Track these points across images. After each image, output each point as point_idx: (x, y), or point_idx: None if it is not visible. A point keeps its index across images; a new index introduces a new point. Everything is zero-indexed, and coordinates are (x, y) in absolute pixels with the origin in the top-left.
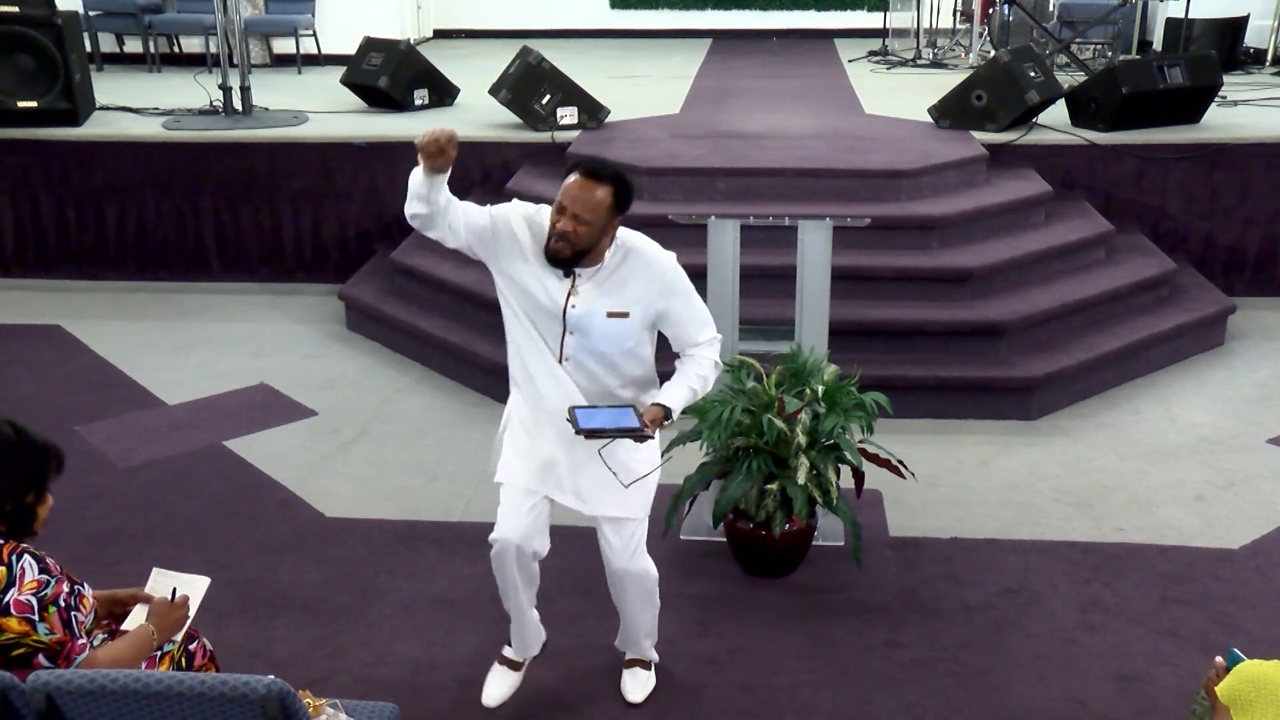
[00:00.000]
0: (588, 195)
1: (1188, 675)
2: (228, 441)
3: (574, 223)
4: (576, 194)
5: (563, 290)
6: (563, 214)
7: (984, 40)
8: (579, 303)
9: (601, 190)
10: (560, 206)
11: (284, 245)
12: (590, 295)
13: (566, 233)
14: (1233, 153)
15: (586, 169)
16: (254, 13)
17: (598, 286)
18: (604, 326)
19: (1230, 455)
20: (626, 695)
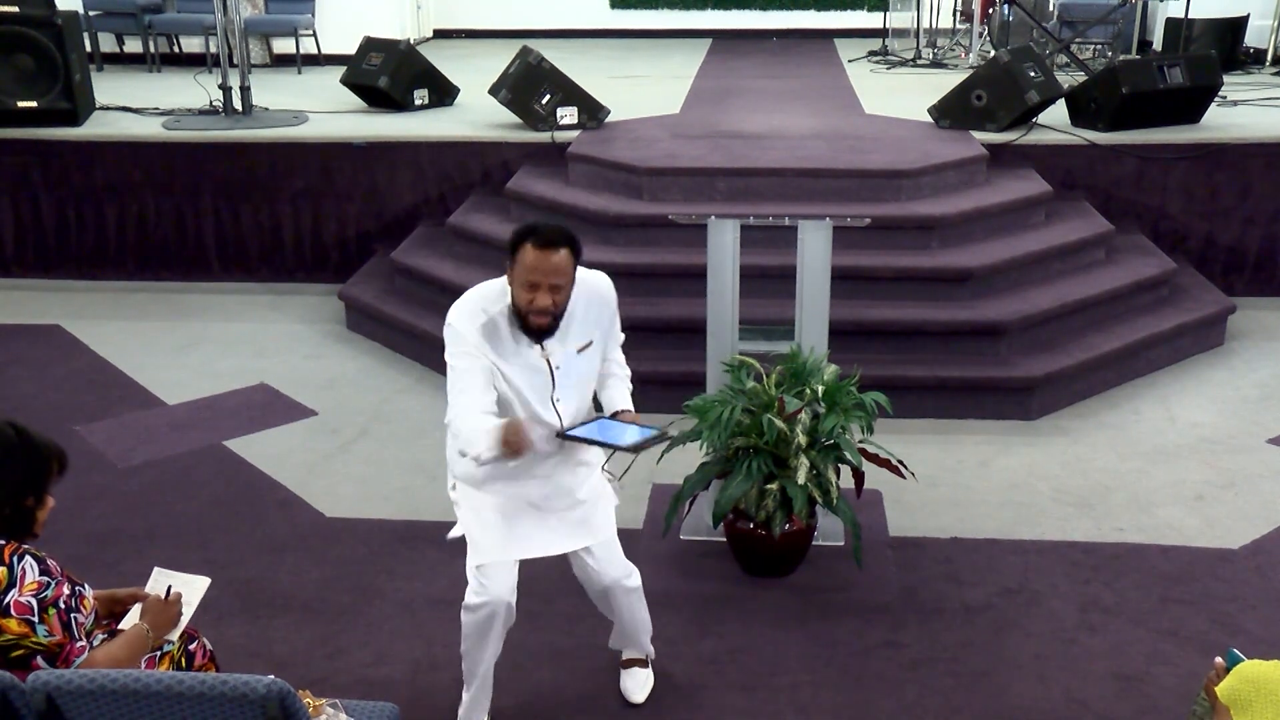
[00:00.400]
0: (554, 263)
1: (1188, 675)
2: (228, 441)
3: (553, 294)
4: (544, 267)
5: (538, 355)
6: (538, 290)
7: (984, 40)
8: (554, 358)
9: (561, 254)
10: (533, 284)
11: (284, 245)
12: (557, 346)
13: (548, 307)
14: (1233, 153)
15: (539, 241)
16: (254, 13)
17: (564, 335)
18: (579, 364)
19: (1230, 455)
20: (628, 696)
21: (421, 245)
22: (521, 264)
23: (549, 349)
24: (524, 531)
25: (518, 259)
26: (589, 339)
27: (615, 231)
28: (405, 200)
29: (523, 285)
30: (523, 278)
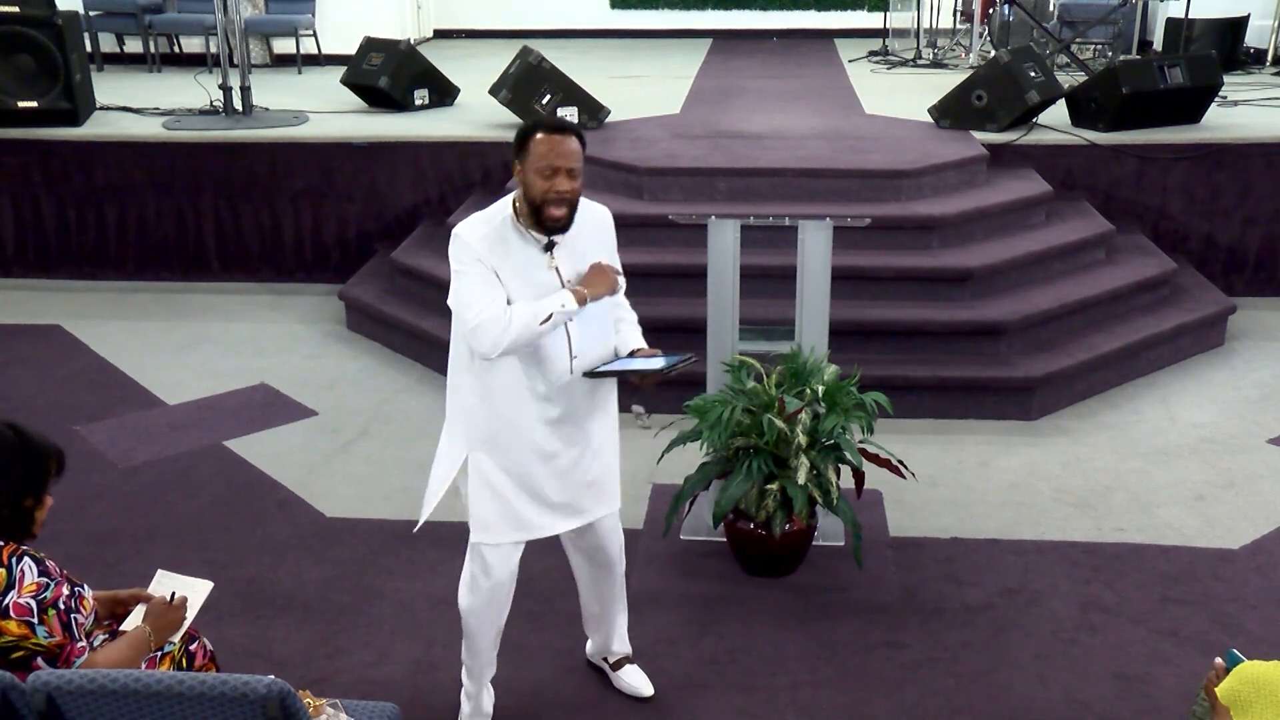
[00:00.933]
0: (570, 148)
1: (1188, 675)
2: (228, 441)
3: (570, 180)
4: (560, 150)
5: (547, 265)
6: (556, 174)
7: (984, 40)
8: (564, 270)
9: (573, 140)
10: (552, 169)
11: (284, 245)
12: (568, 257)
13: (567, 192)
14: (1233, 153)
15: (549, 128)
16: (254, 13)
17: (570, 246)
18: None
19: (1231, 455)
20: (638, 691)
21: (422, 245)
22: (535, 154)
23: (557, 258)
24: (538, 508)
25: (529, 151)
26: (597, 258)
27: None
28: (405, 200)
29: (539, 174)
30: (538, 165)
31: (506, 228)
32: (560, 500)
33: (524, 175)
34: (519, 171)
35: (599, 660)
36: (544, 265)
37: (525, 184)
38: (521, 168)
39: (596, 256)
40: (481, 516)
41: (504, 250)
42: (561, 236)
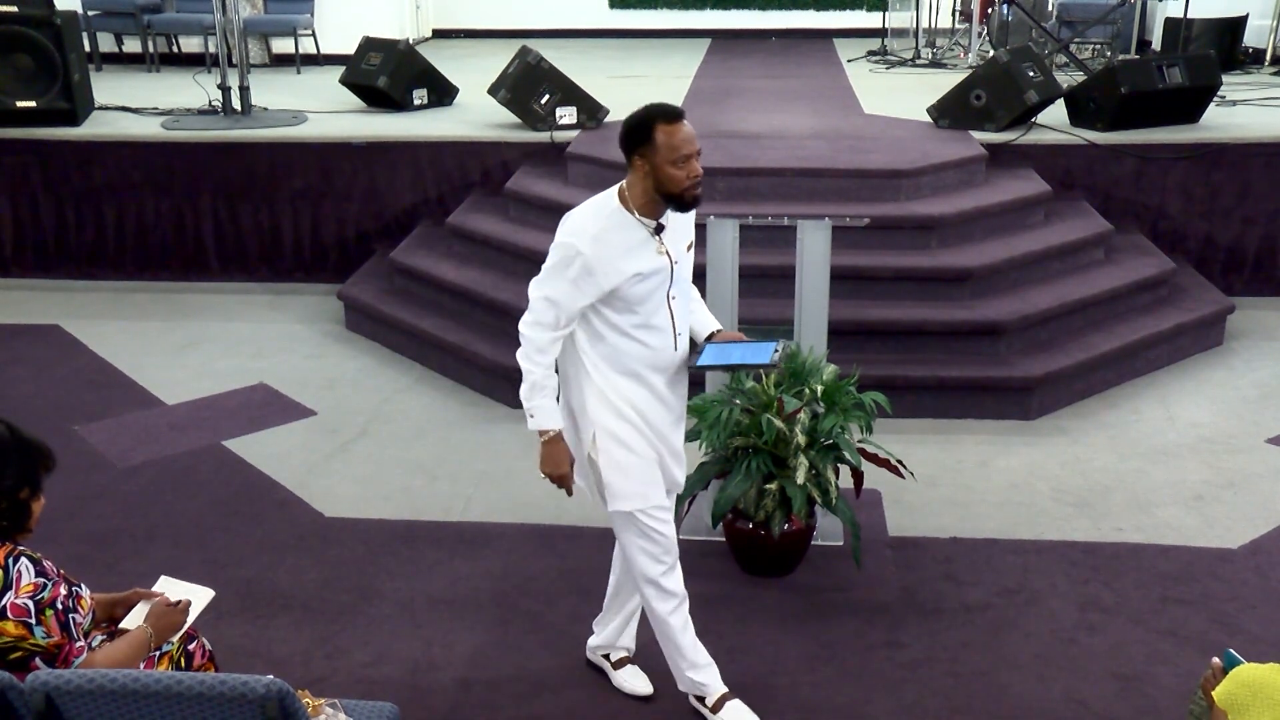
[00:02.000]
0: (692, 131)
1: (1187, 675)
2: (227, 441)
3: (698, 160)
4: (689, 135)
5: (661, 257)
6: (690, 159)
7: (983, 40)
8: (672, 251)
9: (688, 123)
10: (686, 156)
11: (283, 245)
12: (671, 239)
13: (701, 175)
14: (1232, 152)
15: (672, 115)
16: (253, 13)
17: (673, 235)
18: (686, 263)
19: (1230, 455)
20: (638, 690)
21: (421, 245)
22: (666, 144)
23: (665, 242)
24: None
25: (657, 142)
26: (689, 239)
27: None
28: (404, 200)
29: (673, 164)
30: (671, 156)
31: (617, 217)
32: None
33: (652, 167)
34: (640, 166)
35: (598, 658)
36: (654, 250)
37: (658, 176)
38: (644, 161)
39: (688, 238)
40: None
41: (616, 240)
42: (666, 219)
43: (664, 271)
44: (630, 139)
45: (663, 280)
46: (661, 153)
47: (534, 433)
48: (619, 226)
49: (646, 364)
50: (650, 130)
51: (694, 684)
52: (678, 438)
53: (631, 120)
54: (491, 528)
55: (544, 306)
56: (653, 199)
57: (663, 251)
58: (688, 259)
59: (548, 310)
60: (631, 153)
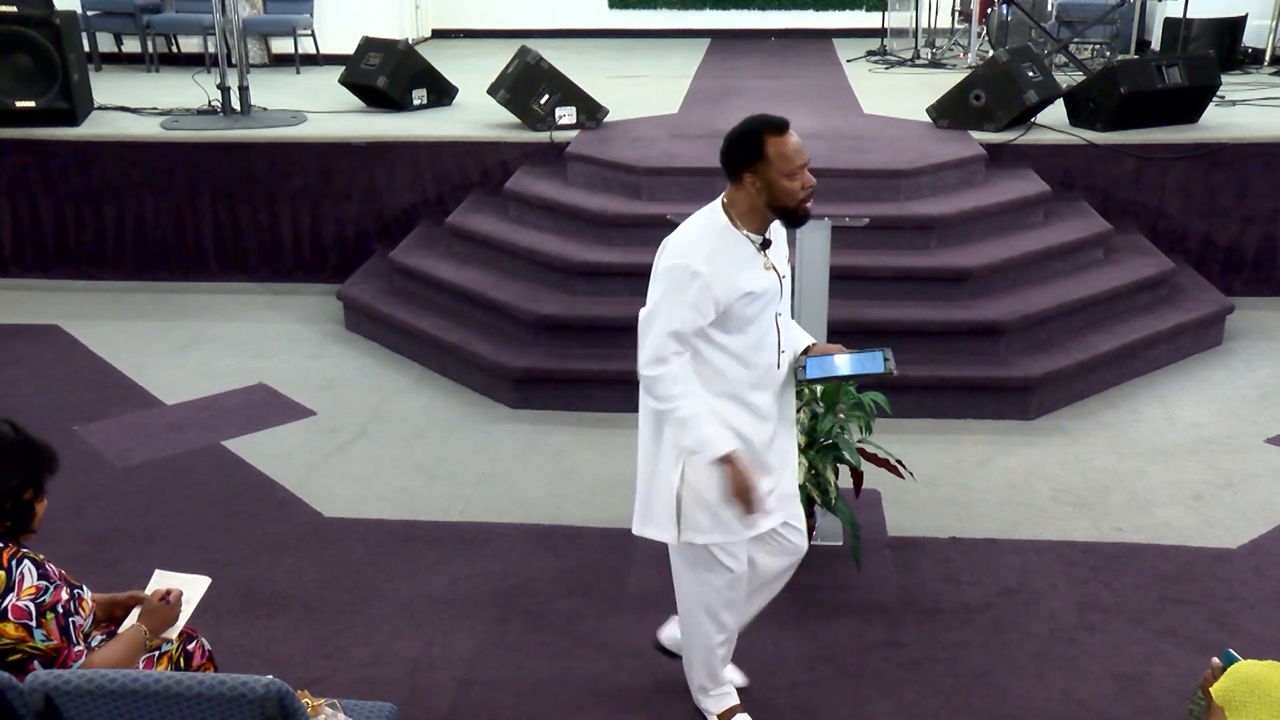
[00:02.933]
0: (801, 142)
1: (1187, 675)
2: (226, 441)
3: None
4: (799, 146)
5: (768, 272)
6: (803, 171)
7: (982, 40)
8: (780, 267)
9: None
10: (802, 165)
11: (282, 245)
12: (777, 256)
13: (813, 184)
14: (1231, 152)
15: (781, 127)
16: (252, 13)
17: (777, 249)
18: (788, 279)
19: (1229, 455)
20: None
21: (420, 245)
22: (779, 156)
23: (772, 257)
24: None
25: (769, 156)
26: (787, 252)
27: (614, 231)
28: (404, 200)
29: (788, 175)
30: (787, 168)
31: (727, 235)
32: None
33: (766, 182)
34: (750, 181)
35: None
36: (761, 265)
37: (772, 191)
38: (756, 176)
39: (786, 251)
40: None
41: (728, 257)
42: (771, 234)
43: (773, 288)
44: (738, 154)
45: (772, 298)
46: (775, 165)
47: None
48: (730, 244)
49: (750, 385)
50: (760, 143)
51: (708, 710)
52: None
53: (736, 134)
54: (491, 528)
55: (664, 340)
56: (761, 214)
57: (770, 267)
58: (788, 276)
59: (669, 343)
60: (740, 169)
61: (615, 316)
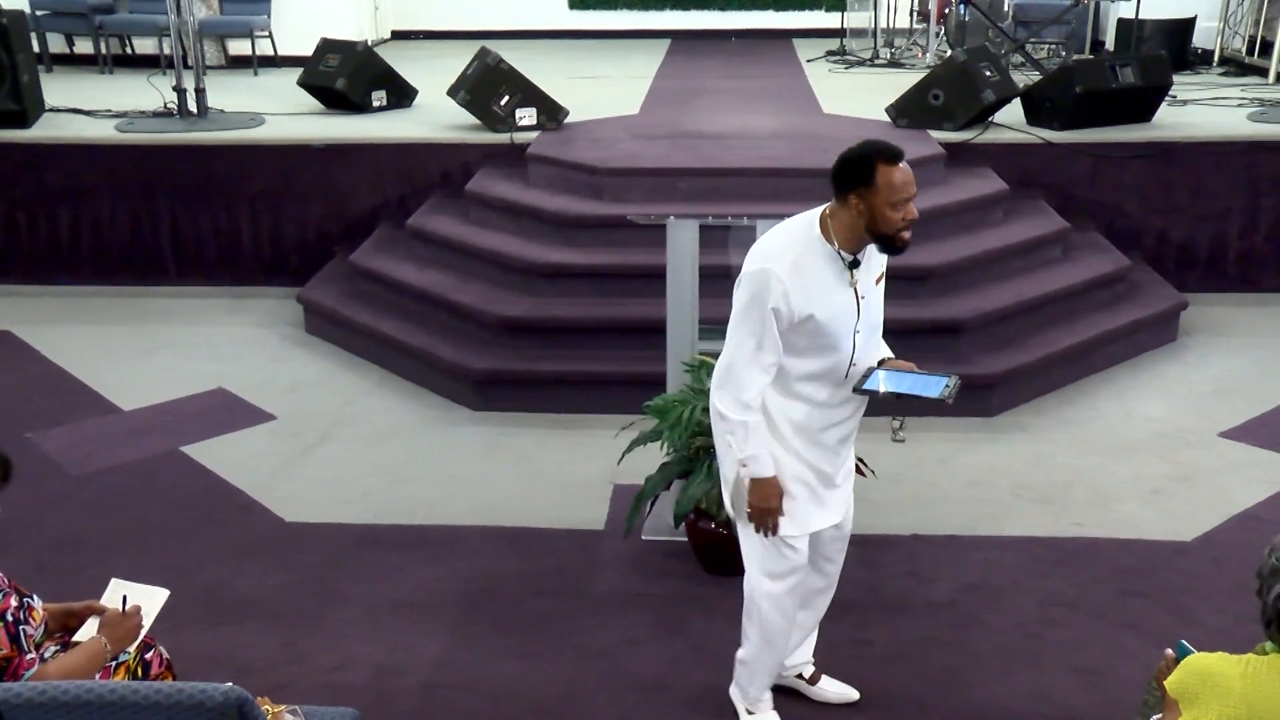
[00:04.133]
0: (912, 176)
1: (1146, 667)
2: (186, 447)
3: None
4: (910, 180)
5: (849, 290)
6: (909, 203)
7: (940, 40)
8: (860, 286)
9: (909, 166)
10: (908, 197)
11: (242, 248)
12: (864, 276)
13: (916, 218)
14: (1184, 151)
15: (893, 156)
16: (209, 14)
17: (865, 265)
18: (875, 295)
19: (1185, 449)
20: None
21: (381, 247)
22: (887, 185)
23: (857, 277)
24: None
25: (878, 184)
26: (880, 271)
27: (576, 232)
28: (364, 202)
29: (892, 205)
30: (893, 198)
31: (814, 249)
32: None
33: (869, 208)
34: (854, 204)
35: (792, 679)
36: (846, 283)
37: (873, 216)
38: (860, 200)
39: (879, 269)
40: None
41: (810, 270)
42: (862, 254)
43: (851, 307)
44: (848, 177)
45: (850, 316)
46: (882, 194)
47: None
48: (818, 255)
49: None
50: (872, 170)
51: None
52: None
53: (850, 156)
54: (456, 530)
55: (751, 375)
56: (860, 236)
57: (852, 285)
58: (877, 294)
59: (751, 359)
60: (848, 190)
61: (578, 317)
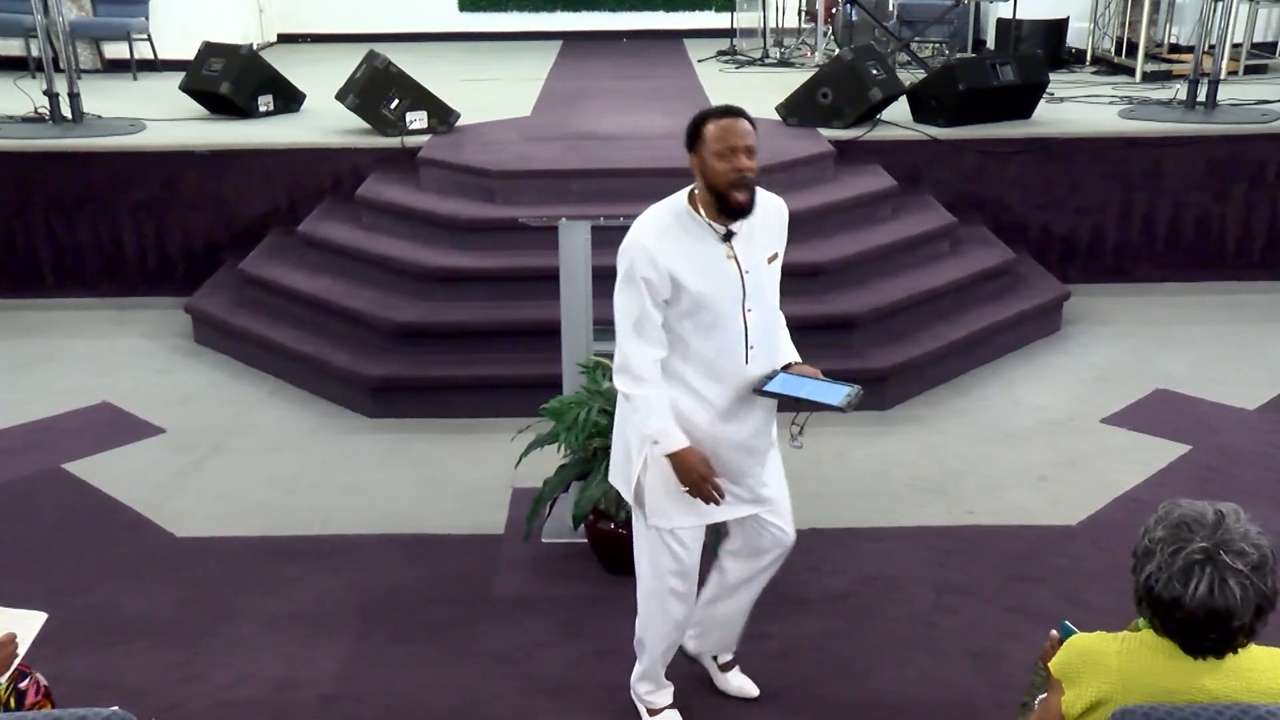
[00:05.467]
0: (743, 127)
1: (1036, 649)
2: (68, 464)
3: (749, 157)
4: (735, 129)
5: (725, 254)
6: (736, 153)
7: (828, 39)
8: (742, 259)
9: (745, 121)
10: (731, 148)
11: (125, 258)
12: (746, 247)
13: (749, 168)
14: (1061, 146)
15: (719, 113)
16: (80, 15)
17: (748, 235)
18: (766, 276)
19: (1070, 435)
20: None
21: (271, 255)
22: (711, 137)
23: (735, 248)
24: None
25: (704, 139)
26: (774, 251)
27: (469, 236)
28: (253, 209)
29: (718, 156)
30: (716, 148)
31: (683, 220)
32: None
33: (702, 164)
34: (695, 163)
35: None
36: (723, 255)
37: (705, 171)
38: (698, 157)
39: (771, 248)
40: (659, 504)
41: (678, 240)
42: (740, 225)
43: (734, 280)
44: (688, 140)
45: (734, 290)
46: (709, 145)
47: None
48: (687, 226)
49: (713, 377)
50: (701, 127)
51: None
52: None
53: (691, 120)
54: (353, 539)
55: (636, 349)
56: (711, 201)
57: (731, 257)
58: (767, 271)
59: (641, 352)
60: (690, 154)
61: (473, 322)
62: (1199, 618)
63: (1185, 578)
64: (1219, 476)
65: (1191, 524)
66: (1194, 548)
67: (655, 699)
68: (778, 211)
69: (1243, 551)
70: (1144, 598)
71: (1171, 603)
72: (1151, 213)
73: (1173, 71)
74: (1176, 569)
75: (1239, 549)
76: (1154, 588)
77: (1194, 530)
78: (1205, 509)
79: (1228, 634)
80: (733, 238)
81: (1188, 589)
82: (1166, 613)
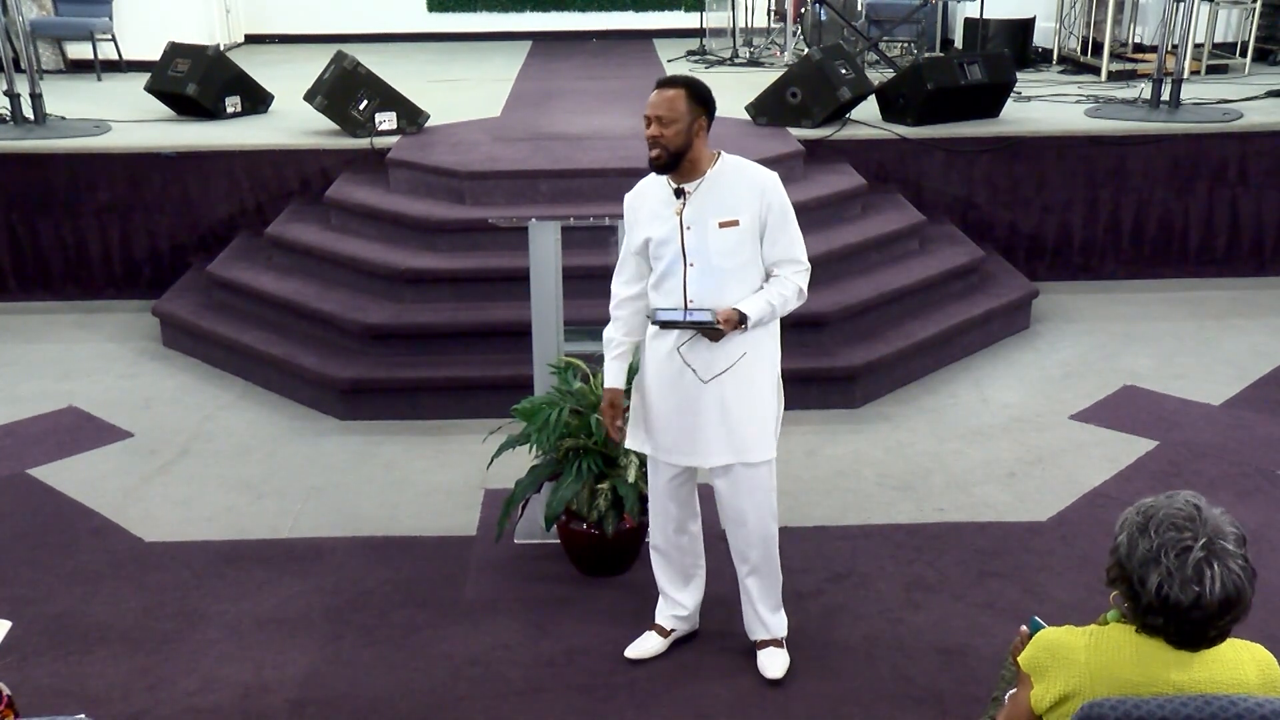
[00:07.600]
0: (662, 99)
1: (1004, 644)
2: (33, 470)
3: (658, 125)
4: (654, 101)
5: (675, 217)
6: (649, 122)
7: (797, 39)
8: (689, 218)
9: (673, 92)
10: (646, 118)
11: (90, 261)
12: (698, 208)
13: (655, 137)
14: (1029, 145)
15: (659, 81)
16: (41, 14)
17: (704, 198)
18: (716, 239)
19: (1038, 432)
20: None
21: (239, 257)
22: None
23: (686, 206)
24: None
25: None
26: (734, 217)
27: (439, 237)
28: (220, 211)
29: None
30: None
31: (653, 184)
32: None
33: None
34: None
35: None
36: (673, 210)
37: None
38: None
39: (736, 212)
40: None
41: (649, 196)
42: (692, 186)
43: (674, 235)
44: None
45: (675, 243)
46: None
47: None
48: (658, 185)
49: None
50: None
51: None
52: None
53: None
54: (322, 543)
55: (617, 288)
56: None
57: (677, 213)
58: (716, 235)
59: (618, 272)
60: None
61: (443, 323)
62: (1214, 610)
63: (1199, 577)
64: (1185, 471)
65: (1180, 523)
66: (1196, 546)
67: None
68: (759, 184)
69: (1230, 534)
70: (1157, 607)
71: (1191, 604)
72: (1117, 210)
73: (1137, 71)
74: (1189, 572)
75: (1226, 533)
76: (1169, 595)
77: (1185, 529)
78: (1180, 504)
79: (1234, 618)
80: (684, 195)
81: (1204, 586)
82: (1183, 615)
